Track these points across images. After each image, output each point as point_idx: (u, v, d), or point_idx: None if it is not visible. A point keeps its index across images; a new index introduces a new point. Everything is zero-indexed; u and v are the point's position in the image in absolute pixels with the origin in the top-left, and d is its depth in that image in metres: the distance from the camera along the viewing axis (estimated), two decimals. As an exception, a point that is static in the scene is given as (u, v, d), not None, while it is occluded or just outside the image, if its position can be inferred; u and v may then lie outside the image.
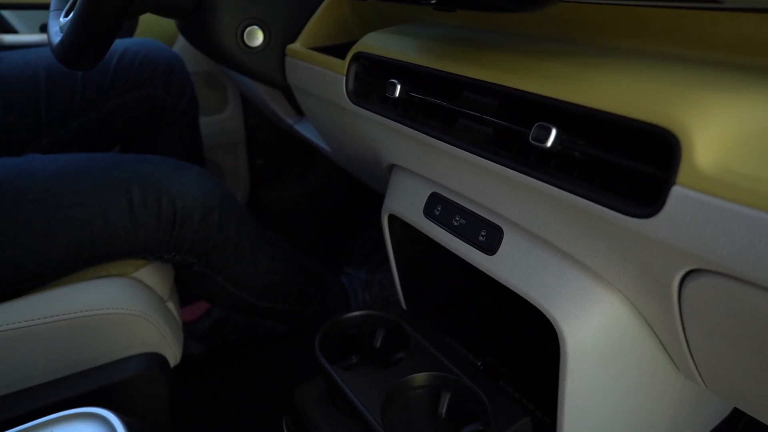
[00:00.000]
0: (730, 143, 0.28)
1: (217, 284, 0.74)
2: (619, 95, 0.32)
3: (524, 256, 0.44)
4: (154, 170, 0.63)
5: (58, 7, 0.71)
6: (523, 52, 0.41)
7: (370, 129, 0.58)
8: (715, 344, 0.35)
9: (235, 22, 0.67)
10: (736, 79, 0.31)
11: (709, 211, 0.28)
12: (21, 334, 0.51)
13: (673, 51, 0.37)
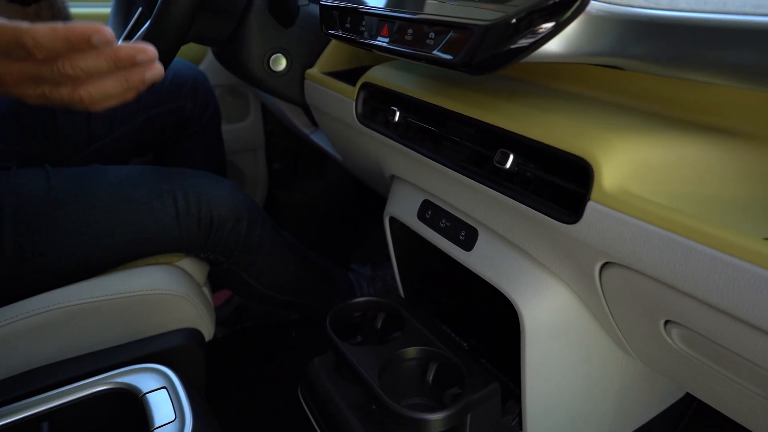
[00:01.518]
0: (627, 172, 0.39)
1: (242, 279, 0.87)
2: (556, 133, 0.43)
3: (493, 253, 0.55)
4: (195, 183, 0.76)
5: (115, 33, 0.83)
6: (494, 92, 0.53)
7: (374, 145, 0.69)
8: (630, 320, 0.47)
9: (263, 51, 0.79)
10: (637, 124, 0.42)
11: (611, 220, 0.39)
12: (91, 307, 0.63)
13: (601, 96, 0.49)
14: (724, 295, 0.34)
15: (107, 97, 0.44)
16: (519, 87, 0.54)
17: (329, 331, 0.67)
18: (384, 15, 0.48)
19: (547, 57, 0.39)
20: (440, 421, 0.55)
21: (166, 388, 0.53)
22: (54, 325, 0.61)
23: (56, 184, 0.68)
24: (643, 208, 0.37)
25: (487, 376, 0.61)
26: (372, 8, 0.50)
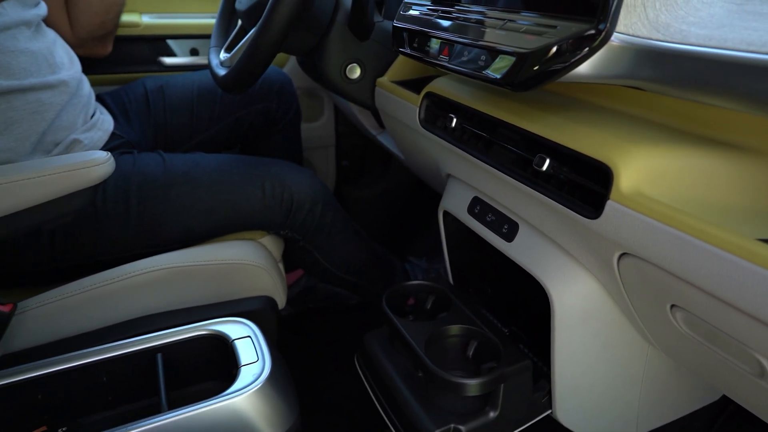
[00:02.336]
0: (642, 177, 0.47)
1: (313, 257, 0.99)
2: (583, 141, 0.51)
3: (531, 244, 0.63)
4: (280, 171, 0.88)
5: (217, 44, 0.98)
6: (537, 104, 0.61)
7: (433, 147, 0.79)
8: (644, 306, 0.53)
9: (340, 61, 0.90)
10: (652, 135, 0.49)
11: (626, 217, 0.46)
12: (191, 270, 0.77)
13: (624, 109, 0.56)
14: (718, 284, 0.41)
15: None
16: (557, 100, 0.61)
17: (384, 306, 0.77)
18: (446, 38, 0.58)
19: (575, 78, 0.47)
20: (476, 386, 0.64)
21: (250, 337, 0.65)
22: (163, 281, 0.76)
23: (170, 167, 0.83)
24: (653, 208, 0.44)
25: (520, 354, 0.68)
26: (436, 32, 0.60)
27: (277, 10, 0.74)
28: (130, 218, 0.78)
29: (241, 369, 0.60)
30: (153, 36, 1.26)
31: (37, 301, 0.71)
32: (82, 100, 0.84)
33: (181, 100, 1.09)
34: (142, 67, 1.25)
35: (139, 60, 1.25)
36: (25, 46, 0.75)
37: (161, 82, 1.11)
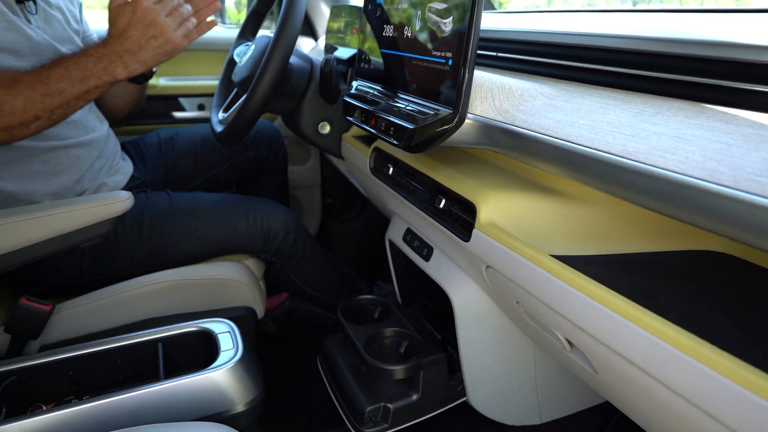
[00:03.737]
0: (495, 213, 0.68)
1: (289, 277, 1.19)
2: (463, 187, 0.72)
3: (440, 263, 0.84)
4: (261, 206, 1.11)
5: (217, 105, 1.22)
6: (442, 158, 0.83)
7: (380, 189, 1.01)
8: (505, 304, 0.74)
9: (313, 120, 1.13)
10: (507, 184, 0.70)
11: (485, 241, 0.67)
12: (189, 282, 0.98)
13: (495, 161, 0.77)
14: (531, 286, 0.61)
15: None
16: (456, 154, 0.83)
17: (339, 315, 0.97)
18: (370, 112, 0.80)
19: (451, 143, 0.69)
20: (399, 371, 0.84)
21: (229, 332, 0.85)
22: (166, 291, 0.97)
23: (175, 203, 1.05)
24: (498, 235, 0.65)
25: (437, 349, 0.88)
26: (367, 108, 0.83)
27: (261, 83, 0.97)
28: (143, 242, 1.00)
29: (220, 353, 0.80)
30: (167, 95, 1.52)
31: (71, 304, 0.92)
32: (108, 153, 1.08)
33: (188, 148, 1.32)
34: (158, 120, 1.51)
35: (155, 114, 1.51)
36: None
37: (172, 133, 1.36)
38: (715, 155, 0.44)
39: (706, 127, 0.48)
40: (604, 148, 0.52)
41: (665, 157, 0.47)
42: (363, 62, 0.94)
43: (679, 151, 0.47)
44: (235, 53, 1.21)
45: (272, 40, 0.95)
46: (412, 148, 0.71)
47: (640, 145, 0.50)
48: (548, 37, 0.75)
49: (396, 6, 0.80)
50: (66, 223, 0.80)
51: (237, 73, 1.12)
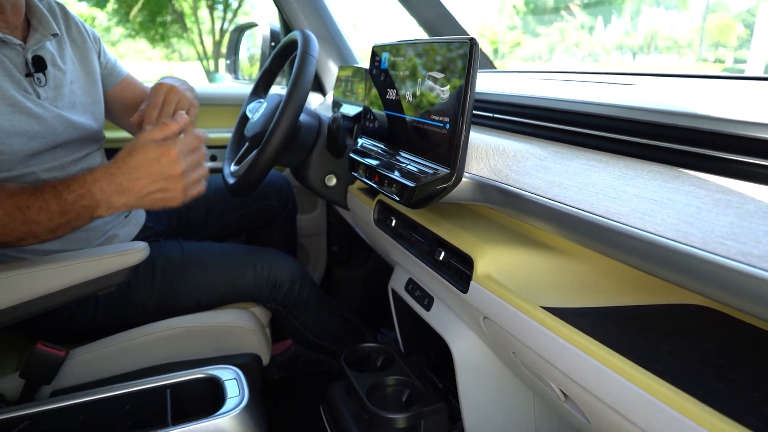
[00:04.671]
0: (493, 265, 0.71)
1: (294, 325, 1.22)
2: (461, 240, 0.76)
3: (440, 313, 0.87)
4: (269, 256, 1.15)
5: (229, 158, 1.28)
6: (442, 212, 0.87)
7: (384, 240, 1.05)
8: (503, 353, 0.76)
9: (321, 173, 1.19)
10: (503, 238, 0.75)
11: (482, 293, 0.71)
12: (198, 329, 1.01)
13: (494, 217, 0.82)
14: (523, 335, 0.64)
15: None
16: (456, 210, 0.88)
17: (342, 363, 1.00)
18: (374, 169, 0.86)
19: (449, 200, 0.74)
20: (401, 419, 0.85)
21: (236, 379, 0.88)
22: (176, 338, 1.00)
23: (186, 252, 1.10)
24: (494, 287, 0.69)
25: (438, 399, 0.90)
26: (372, 165, 0.88)
27: (273, 139, 1.03)
28: (155, 290, 1.04)
29: (227, 400, 0.82)
30: (182, 147, 1.59)
31: (84, 350, 0.95)
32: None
33: (200, 198, 1.38)
34: (172, 171, 1.57)
35: (169, 165, 1.57)
36: None
37: (186, 183, 1.42)
38: (688, 218, 0.48)
39: (681, 191, 0.52)
40: (588, 209, 0.57)
41: (644, 219, 0.51)
42: (368, 121, 1.00)
43: (656, 213, 0.51)
44: (248, 109, 1.28)
45: (284, 99, 1.02)
46: (413, 205, 0.76)
47: (622, 207, 0.54)
48: (540, 102, 0.81)
49: (399, 72, 0.87)
50: (83, 273, 0.84)
51: (249, 128, 1.19)
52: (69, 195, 0.78)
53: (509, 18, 16.08)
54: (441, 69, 0.75)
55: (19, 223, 0.77)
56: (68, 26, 1.07)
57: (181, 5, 12.92)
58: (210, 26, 13.28)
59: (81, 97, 1.05)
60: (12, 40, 0.91)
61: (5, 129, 0.88)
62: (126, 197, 0.80)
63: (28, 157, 0.93)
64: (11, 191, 0.78)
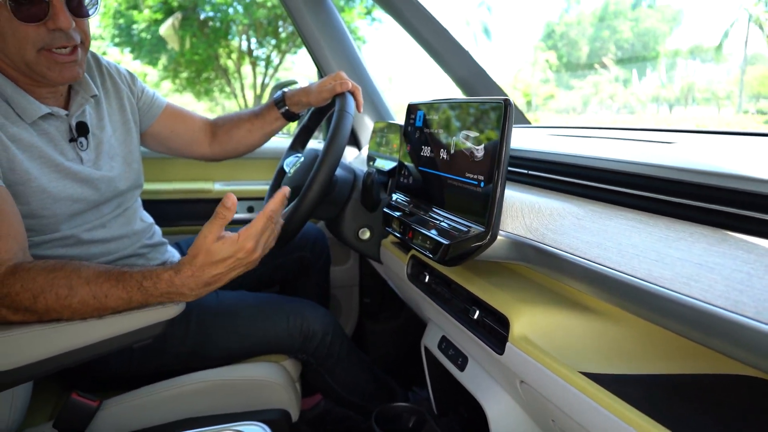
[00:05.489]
0: (529, 327, 0.69)
1: (324, 379, 1.20)
2: (497, 299, 0.75)
3: (475, 373, 0.84)
4: (301, 307, 1.15)
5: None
6: (476, 269, 0.86)
7: (417, 296, 1.04)
8: (540, 419, 0.72)
9: (355, 226, 1.20)
10: (538, 298, 0.72)
11: (518, 355, 0.68)
12: (228, 383, 1.00)
13: (529, 275, 0.80)
14: (563, 402, 0.62)
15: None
16: (491, 267, 0.86)
17: (373, 422, 0.97)
18: (408, 224, 0.86)
19: (484, 258, 0.73)
20: (432, 488, 0.81)
21: (264, 437, 0.86)
22: (207, 391, 1.00)
23: (222, 301, 1.11)
24: (531, 350, 0.67)
25: (473, 465, 0.86)
26: (406, 221, 0.88)
27: (309, 194, 1.05)
28: (188, 339, 1.05)
29: (255, 460, 0.81)
30: (220, 199, 1.63)
31: (116, 401, 0.96)
32: (158, 256, 1.17)
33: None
34: (210, 221, 1.62)
35: (209, 216, 1.61)
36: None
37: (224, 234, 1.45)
38: (737, 285, 0.46)
39: (729, 256, 0.50)
40: (630, 272, 0.55)
41: (689, 285, 0.49)
42: (402, 176, 1.01)
43: (702, 278, 0.49)
44: (286, 163, 1.32)
45: (321, 155, 1.04)
46: (447, 262, 0.75)
47: (665, 271, 0.52)
48: (577, 160, 0.80)
49: (433, 130, 0.88)
50: (120, 326, 0.85)
51: (286, 182, 1.22)
52: (155, 291, 0.81)
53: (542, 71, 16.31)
54: (475, 128, 0.75)
55: (92, 309, 0.79)
56: (103, 77, 1.13)
57: (225, 62, 13.65)
58: (252, 81, 13.94)
59: (118, 148, 1.10)
60: (59, 112, 0.97)
61: (52, 194, 0.92)
62: (210, 289, 0.84)
63: (71, 218, 0.97)
64: (87, 278, 0.79)
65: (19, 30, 0.85)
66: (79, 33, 0.91)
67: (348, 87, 1.18)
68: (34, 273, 0.78)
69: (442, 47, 1.63)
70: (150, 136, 1.26)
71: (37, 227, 0.91)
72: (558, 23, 16.66)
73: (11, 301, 0.77)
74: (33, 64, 0.88)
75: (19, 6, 0.83)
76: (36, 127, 0.94)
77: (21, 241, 0.83)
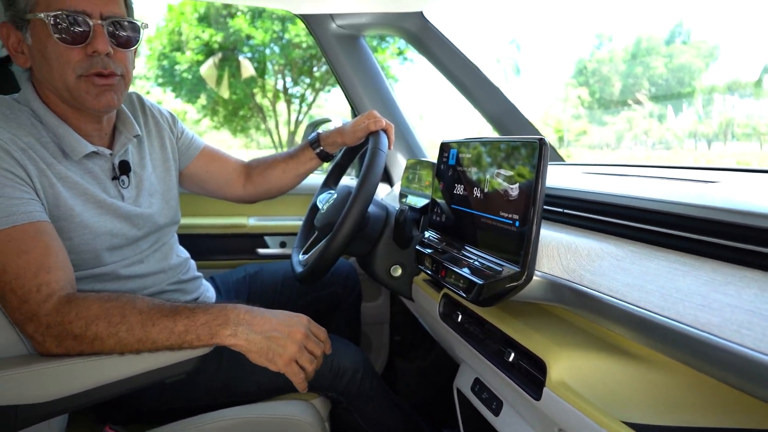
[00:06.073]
0: (568, 371, 0.67)
1: (353, 417, 1.18)
2: (533, 342, 0.72)
3: (510, 419, 0.81)
4: (332, 344, 1.14)
5: (299, 246, 1.32)
6: (511, 310, 0.84)
7: (449, 335, 1.01)
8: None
9: (386, 263, 1.20)
10: (576, 341, 0.70)
11: (556, 402, 0.66)
12: (257, 420, 0.99)
13: (567, 317, 0.77)
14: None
15: None
16: (525, 307, 0.84)
17: (403, 467, 0.94)
18: (441, 263, 0.85)
19: (519, 299, 0.71)
20: None
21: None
22: (235, 428, 0.99)
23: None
24: (570, 396, 0.64)
25: None
26: (438, 259, 0.88)
27: (342, 230, 1.05)
28: (220, 373, 1.05)
29: (282, 502, 0.79)
30: (254, 233, 1.66)
31: (147, 436, 0.96)
32: (191, 289, 1.19)
33: (270, 284, 1.42)
34: (245, 256, 1.64)
35: (243, 250, 1.65)
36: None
37: (257, 268, 1.47)
38: (794, 334, 0.44)
39: (782, 302, 0.48)
40: (675, 317, 0.53)
41: (740, 333, 0.47)
42: (435, 214, 1.01)
43: (755, 327, 0.46)
44: (319, 200, 1.34)
45: (354, 193, 1.05)
46: (481, 302, 0.74)
47: (713, 317, 0.50)
48: (614, 199, 0.78)
49: (466, 168, 0.88)
50: (156, 360, 0.85)
51: (319, 218, 1.23)
52: (203, 315, 0.83)
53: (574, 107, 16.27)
54: (510, 166, 0.75)
55: (135, 340, 0.81)
56: (146, 117, 1.17)
57: (261, 100, 14.11)
58: (286, 118, 14.34)
59: (157, 185, 1.14)
60: (103, 151, 1.01)
61: (93, 230, 0.96)
62: (250, 331, 0.86)
63: (111, 254, 1.00)
64: (141, 309, 0.82)
65: (62, 54, 0.90)
66: (119, 65, 0.95)
67: (382, 125, 1.20)
68: (90, 301, 0.81)
69: (474, 86, 1.65)
70: (186, 176, 1.30)
71: (78, 262, 0.94)
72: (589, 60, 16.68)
73: (62, 329, 0.79)
74: (73, 90, 0.92)
75: (63, 31, 0.88)
76: (81, 165, 0.98)
77: (69, 273, 0.86)
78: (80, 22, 0.89)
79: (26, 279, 0.81)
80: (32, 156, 0.89)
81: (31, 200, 0.86)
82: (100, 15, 0.90)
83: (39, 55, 0.92)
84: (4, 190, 0.83)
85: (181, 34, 12.24)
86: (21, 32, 0.92)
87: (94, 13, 0.89)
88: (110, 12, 0.91)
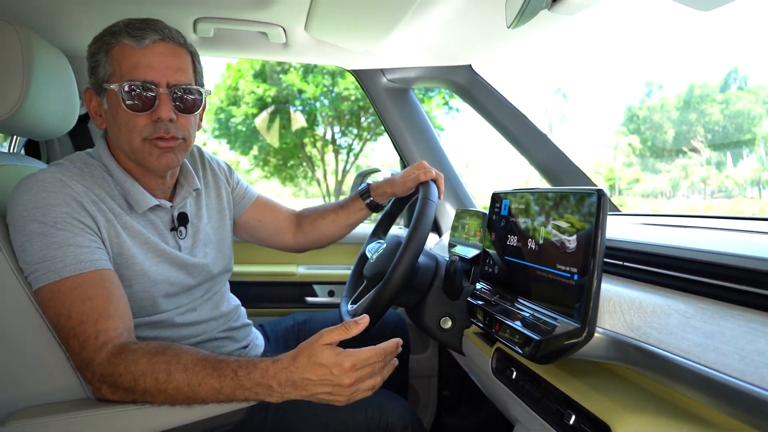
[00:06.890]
0: (633, 437, 0.62)
1: (401, 478, 1.13)
2: (595, 404, 0.68)
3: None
4: (381, 399, 1.11)
5: (347, 295, 1.31)
6: (570, 368, 0.79)
7: (502, 392, 0.97)
8: None
9: (436, 315, 1.17)
10: (641, 404, 0.65)
11: (622, 469, 0.61)
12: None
13: (630, 377, 0.72)
14: None
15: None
16: (585, 365, 0.80)
17: None
18: (494, 316, 0.82)
19: (579, 356, 0.68)
20: None
21: None
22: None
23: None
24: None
25: None
26: (492, 313, 0.85)
27: (392, 280, 1.05)
28: (267, 425, 1.04)
29: None
30: (303, 282, 1.68)
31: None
32: (240, 336, 1.20)
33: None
34: (293, 304, 1.65)
35: (292, 299, 1.66)
36: None
37: (306, 317, 1.47)
38: None
39: None
40: (757, 383, 0.48)
41: (835, 403, 0.42)
42: (486, 265, 0.99)
43: None
44: (368, 249, 1.34)
45: (404, 243, 1.05)
46: (538, 359, 0.71)
47: (801, 384, 0.46)
48: (679, 252, 0.75)
49: (520, 219, 0.86)
50: (205, 411, 0.86)
51: (368, 268, 1.23)
52: (248, 382, 0.83)
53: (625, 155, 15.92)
54: (566, 218, 0.73)
55: (184, 398, 0.82)
56: (204, 170, 1.23)
57: (310, 151, 14.58)
58: (334, 167, 14.71)
59: (212, 235, 1.18)
60: (165, 204, 1.07)
61: (152, 278, 1.00)
62: (296, 393, 0.85)
63: (166, 301, 1.03)
64: (186, 365, 0.82)
65: (130, 120, 0.96)
66: (181, 129, 1.00)
67: (431, 176, 1.21)
68: (138, 355, 0.82)
69: (523, 135, 1.64)
70: (239, 225, 1.34)
71: (137, 309, 0.97)
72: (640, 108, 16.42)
73: (114, 380, 0.81)
74: (138, 151, 0.98)
75: (132, 98, 0.95)
76: (144, 217, 1.03)
77: (127, 321, 0.89)
78: (148, 90, 0.95)
79: (88, 325, 0.84)
80: (102, 207, 0.94)
81: (98, 249, 0.91)
82: (167, 84, 0.97)
83: (111, 119, 0.99)
84: (75, 239, 0.88)
85: (237, 89, 12.95)
86: (100, 97, 1.00)
87: (161, 83, 0.96)
88: (176, 81, 0.98)
